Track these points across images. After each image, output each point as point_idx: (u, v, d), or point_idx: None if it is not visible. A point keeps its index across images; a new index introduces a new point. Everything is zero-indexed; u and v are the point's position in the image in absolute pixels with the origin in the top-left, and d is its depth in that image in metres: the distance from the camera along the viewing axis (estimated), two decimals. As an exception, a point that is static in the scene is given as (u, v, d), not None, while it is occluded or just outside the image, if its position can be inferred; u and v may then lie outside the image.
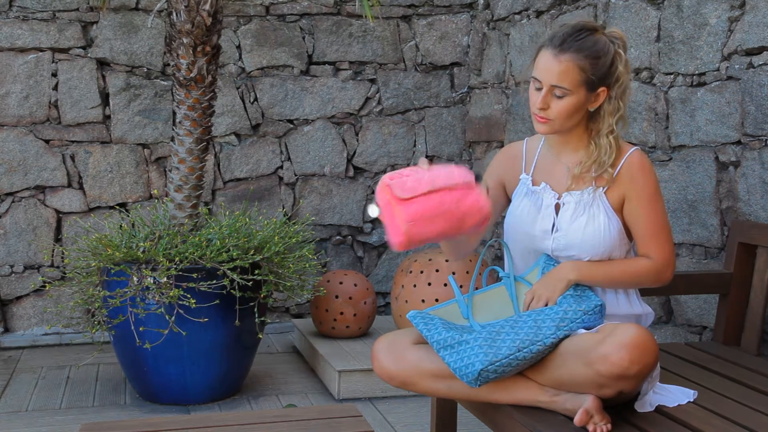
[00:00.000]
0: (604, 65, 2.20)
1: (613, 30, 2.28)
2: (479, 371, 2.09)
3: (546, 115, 2.23)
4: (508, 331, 2.16)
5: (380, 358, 2.30)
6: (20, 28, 4.43)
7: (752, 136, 2.87)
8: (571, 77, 2.19)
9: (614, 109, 2.24)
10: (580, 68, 2.18)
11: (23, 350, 4.44)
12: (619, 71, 2.23)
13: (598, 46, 2.21)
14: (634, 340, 1.95)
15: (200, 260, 3.38)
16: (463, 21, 4.92)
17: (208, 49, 3.65)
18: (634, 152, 2.26)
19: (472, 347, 2.13)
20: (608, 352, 1.96)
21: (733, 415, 2.10)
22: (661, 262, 2.26)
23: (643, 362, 1.95)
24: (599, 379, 1.98)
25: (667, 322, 3.33)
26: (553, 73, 2.20)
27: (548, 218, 2.31)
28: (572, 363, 2.05)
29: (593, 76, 2.19)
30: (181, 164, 3.72)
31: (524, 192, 2.39)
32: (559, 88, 2.20)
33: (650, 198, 2.24)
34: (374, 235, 4.91)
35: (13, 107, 4.44)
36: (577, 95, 2.20)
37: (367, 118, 4.85)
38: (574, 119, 2.25)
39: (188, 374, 3.52)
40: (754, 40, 2.84)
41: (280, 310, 4.82)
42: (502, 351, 2.10)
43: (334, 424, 2.12)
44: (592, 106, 2.25)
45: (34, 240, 4.48)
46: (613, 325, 2.07)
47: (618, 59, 2.23)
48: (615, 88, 2.24)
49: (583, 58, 2.18)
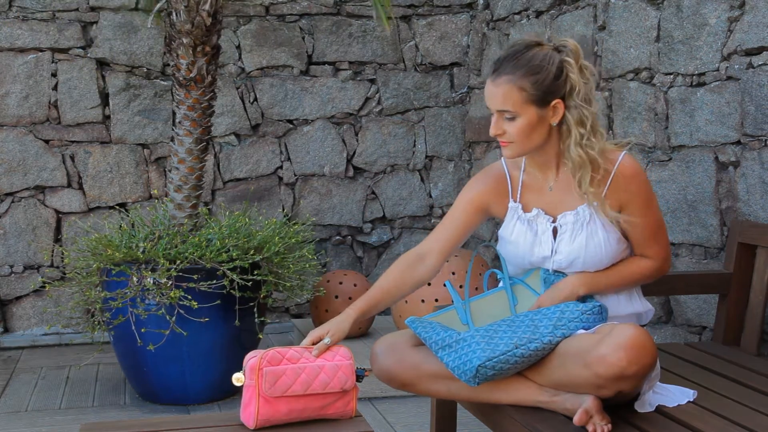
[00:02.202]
0: (546, 78, 2.13)
1: (562, 40, 2.21)
2: (477, 367, 2.08)
3: (506, 139, 2.20)
4: (505, 329, 2.16)
5: (380, 359, 2.30)
6: (20, 28, 4.43)
7: (752, 136, 2.87)
8: (513, 99, 2.14)
9: (578, 119, 2.15)
10: (518, 88, 2.13)
11: (23, 350, 4.44)
12: (572, 80, 2.15)
13: (535, 61, 2.14)
14: (632, 340, 1.95)
15: (200, 260, 3.38)
16: (463, 21, 4.92)
17: (207, 49, 3.65)
18: (624, 158, 2.21)
19: (470, 344, 2.13)
20: (606, 353, 1.95)
21: (733, 415, 2.09)
22: (661, 260, 2.29)
23: (641, 363, 1.95)
24: (597, 380, 1.98)
25: (667, 322, 3.33)
26: (494, 98, 2.17)
27: (546, 244, 2.27)
28: (570, 364, 2.05)
29: (537, 92, 2.13)
30: (181, 164, 3.72)
31: (516, 218, 2.33)
32: (505, 112, 2.16)
33: (645, 203, 2.23)
34: (374, 235, 4.91)
35: (12, 107, 4.44)
36: (526, 115, 2.15)
37: (366, 118, 4.85)
38: (535, 138, 2.19)
39: (188, 374, 3.52)
40: (754, 40, 2.84)
41: (279, 310, 4.82)
42: (500, 347, 2.09)
43: (334, 424, 2.12)
44: (554, 120, 2.17)
45: (34, 240, 4.48)
46: (610, 326, 2.07)
47: (568, 67, 2.15)
48: (573, 98, 2.15)
49: (519, 77, 2.13)
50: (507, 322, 2.19)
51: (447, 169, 4.97)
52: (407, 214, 4.94)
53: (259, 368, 2.04)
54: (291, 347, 2.11)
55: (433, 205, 4.97)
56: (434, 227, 2.57)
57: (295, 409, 2.07)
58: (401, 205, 4.93)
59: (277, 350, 2.07)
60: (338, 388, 2.09)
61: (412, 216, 4.95)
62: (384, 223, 4.93)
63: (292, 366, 2.06)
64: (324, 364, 2.09)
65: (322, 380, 2.07)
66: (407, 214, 4.94)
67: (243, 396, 2.09)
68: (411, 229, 4.95)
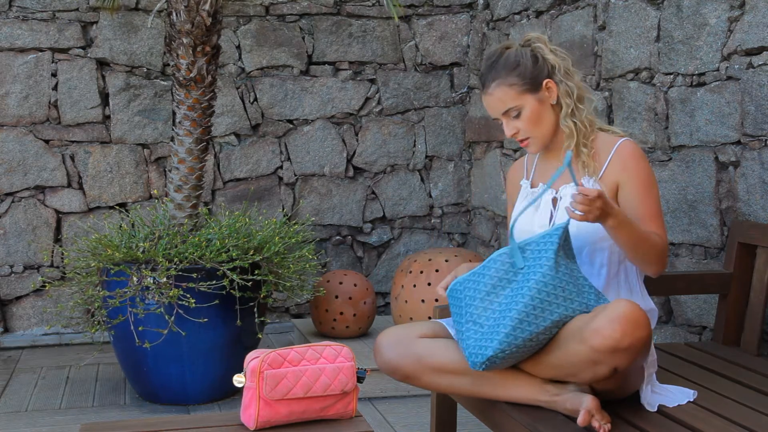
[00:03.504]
0: (527, 67, 2.30)
1: (525, 36, 2.38)
2: (489, 357, 2.08)
3: (522, 136, 2.35)
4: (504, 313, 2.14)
5: (384, 351, 2.31)
6: (20, 28, 4.43)
7: (752, 136, 2.87)
8: (509, 96, 2.30)
9: (565, 92, 2.31)
10: (508, 86, 2.30)
11: (23, 350, 4.44)
12: (549, 59, 2.31)
13: (510, 59, 2.31)
14: (625, 313, 1.97)
15: (200, 260, 3.38)
16: (463, 21, 4.92)
17: (207, 49, 3.65)
18: (624, 141, 2.32)
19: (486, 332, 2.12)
20: (600, 326, 1.97)
21: (733, 415, 2.10)
22: (665, 242, 2.27)
23: (635, 335, 1.96)
24: (593, 355, 1.99)
25: (667, 322, 3.33)
26: (494, 105, 2.33)
27: (545, 212, 2.35)
28: (567, 343, 2.06)
29: (525, 80, 2.29)
30: (181, 164, 3.72)
31: (525, 195, 2.46)
32: (509, 111, 2.32)
33: (645, 183, 2.28)
34: (374, 235, 4.91)
35: (12, 107, 4.44)
36: (528, 104, 2.31)
37: (366, 118, 4.85)
38: (546, 121, 2.34)
39: (188, 374, 3.52)
40: (754, 40, 2.84)
41: (279, 310, 4.82)
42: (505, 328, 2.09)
43: (334, 424, 2.12)
44: (552, 99, 2.32)
45: (34, 240, 4.48)
46: (605, 304, 2.08)
47: (539, 51, 2.32)
48: (555, 74, 2.31)
49: (504, 76, 2.30)
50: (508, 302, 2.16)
51: (447, 169, 4.97)
52: (407, 214, 4.94)
53: (260, 371, 2.04)
54: (292, 348, 2.10)
55: (433, 205, 4.97)
56: (434, 227, 2.63)
57: (295, 411, 2.07)
58: (401, 205, 4.93)
59: (278, 352, 2.07)
60: (339, 390, 2.09)
61: (412, 216, 4.95)
62: (384, 223, 4.93)
63: (293, 369, 2.06)
64: (325, 366, 2.09)
65: (323, 383, 2.07)
66: (407, 214, 4.94)
67: (243, 397, 2.09)
68: (411, 229, 4.95)
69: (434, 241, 4.98)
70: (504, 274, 2.15)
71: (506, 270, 2.16)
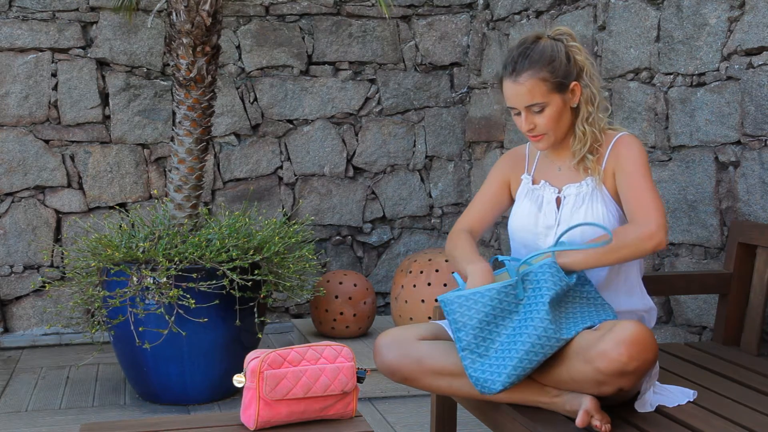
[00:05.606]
0: (561, 64, 2.27)
1: (556, 29, 2.35)
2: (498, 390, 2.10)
3: (537, 132, 2.31)
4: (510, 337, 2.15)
5: (384, 352, 2.30)
6: (20, 28, 4.43)
7: (752, 136, 2.87)
8: (539, 91, 2.26)
9: (588, 97, 2.30)
10: (541, 80, 2.25)
11: (23, 350, 4.44)
12: (579, 61, 2.30)
13: (546, 51, 2.27)
14: (633, 336, 1.95)
15: (200, 260, 3.38)
16: (463, 21, 4.92)
17: (207, 49, 3.65)
18: (621, 135, 2.32)
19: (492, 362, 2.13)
20: (607, 349, 1.96)
21: (733, 415, 2.10)
22: (655, 225, 2.16)
23: (642, 358, 1.95)
24: (598, 376, 1.98)
25: (667, 322, 3.33)
26: (521, 96, 2.27)
27: (550, 214, 2.34)
28: (572, 361, 2.06)
29: (557, 79, 2.26)
30: (181, 164, 3.72)
31: (525, 192, 2.43)
32: (534, 106, 2.27)
33: (636, 168, 2.25)
34: (374, 235, 4.91)
35: (12, 107, 4.44)
36: (553, 103, 2.28)
37: (366, 118, 4.85)
38: (564, 123, 2.32)
39: (188, 374, 3.52)
40: (754, 40, 2.84)
41: (279, 310, 4.82)
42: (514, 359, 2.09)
43: (334, 424, 2.12)
44: (573, 102, 2.31)
45: (34, 240, 4.48)
46: (612, 322, 2.07)
47: (572, 52, 2.30)
48: (583, 77, 2.30)
49: (538, 69, 2.25)
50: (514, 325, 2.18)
51: (447, 169, 4.97)
52: (407, 214, 4.94)
53: (260, 371, 2.04)
54: (292, 348, 2.10)
55: (433, 205, 4.97)
56: (434, 227, 2.61)
57: (295, 411, 2.07)
58: (401, 205, 4.93)
59: (278, 352, 2.07)
60: (339, 391, 2.09)
61: (412, 216, 4.95)
62: (384, 223, 4.93)
63: (293, 369, 2.06)
64: (325, 366, 2.09)
65: (323, 383, 2.07)
66: (407, 214, 4.94)
67: (243, 397, 2.09)
68: (411, 229, 4.95)
69: (434, 241, 4.98)
70: (507, 305, 2.15)
71: (509, 301, 2.16)
